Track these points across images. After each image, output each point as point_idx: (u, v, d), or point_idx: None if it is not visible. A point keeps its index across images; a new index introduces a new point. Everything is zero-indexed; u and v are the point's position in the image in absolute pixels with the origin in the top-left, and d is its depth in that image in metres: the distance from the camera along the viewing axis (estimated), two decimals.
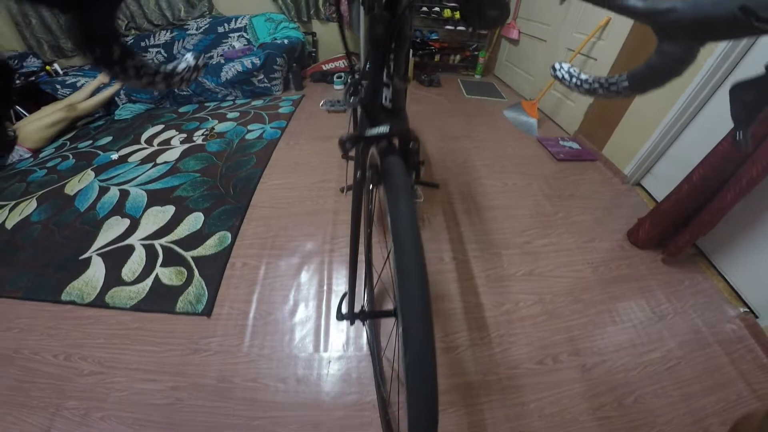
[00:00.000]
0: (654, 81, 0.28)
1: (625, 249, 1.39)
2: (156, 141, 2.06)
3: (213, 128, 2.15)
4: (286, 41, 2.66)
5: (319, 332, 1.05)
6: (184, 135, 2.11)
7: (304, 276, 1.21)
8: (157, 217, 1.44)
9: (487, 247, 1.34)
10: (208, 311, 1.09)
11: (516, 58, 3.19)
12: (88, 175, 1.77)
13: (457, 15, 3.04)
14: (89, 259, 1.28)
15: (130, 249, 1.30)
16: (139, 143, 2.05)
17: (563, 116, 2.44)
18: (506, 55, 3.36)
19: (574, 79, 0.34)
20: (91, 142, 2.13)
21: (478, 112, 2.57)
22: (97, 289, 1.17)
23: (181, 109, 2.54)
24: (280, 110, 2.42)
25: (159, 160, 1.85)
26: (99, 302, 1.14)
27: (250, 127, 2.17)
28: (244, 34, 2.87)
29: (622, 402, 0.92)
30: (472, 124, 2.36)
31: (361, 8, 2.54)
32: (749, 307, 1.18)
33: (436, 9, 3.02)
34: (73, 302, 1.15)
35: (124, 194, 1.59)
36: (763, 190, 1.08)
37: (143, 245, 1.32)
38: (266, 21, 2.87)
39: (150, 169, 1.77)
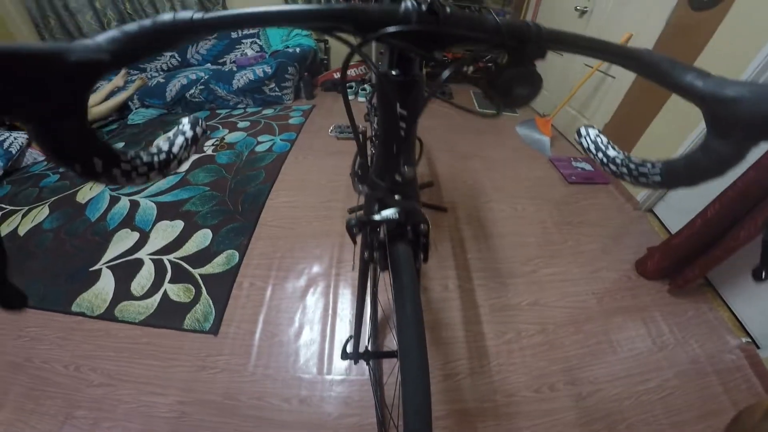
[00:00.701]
0: (690, 179, 0.26)
1: (632, 279, 1.43)
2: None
3: (223, 138, 2.25)
4: (298, 50, 2.77)
5: (323, 355, 1.11)
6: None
7: (310, 299, 1.28)
8: (166, 231, 1.53)
9: (493, 275, 1.39)
10: (215, 330, 1.17)
11: None
12: None
13: None
14: (99, 271, 1.37)
15: (140, 263, 1.39)
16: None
17: None
18: None
19: (600, 154, 0.31)
20: None
21: (489, 128, 2.63)
22: (107, 302, 1.26)
23: None
24: (291, 121, 2.52)
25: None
26: (108, 315, 1.22)
27: (260, 139, 2.26)
28: (257, 40, 2.99)
29: (612, 429, 0.98)
30: (483, 141, 2.42)
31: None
32: (752, 338, 1.22)
33: None
34: (83, 314, 1.23)
35: (134, 205, 1.69)
36: None
37: (152, 260, 1.40)
38: (279, 28, 2.98)
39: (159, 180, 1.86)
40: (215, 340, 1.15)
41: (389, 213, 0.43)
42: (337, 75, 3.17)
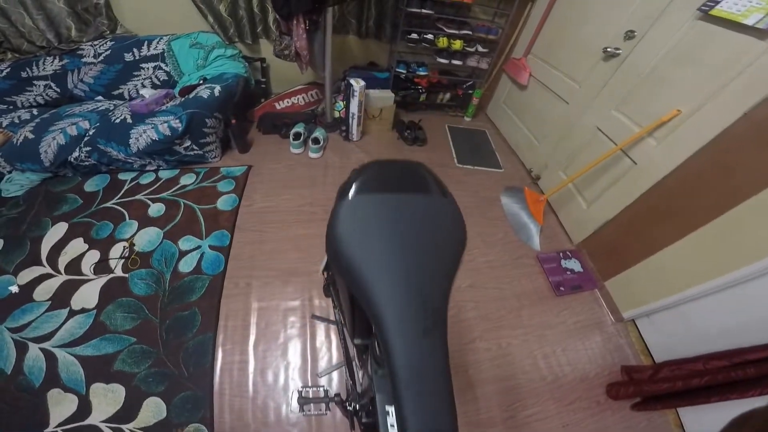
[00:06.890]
0: None
1: (600, 404, 2.11)
2: (61, 262, 2.34)
3: (132, 244, 2.43)
4: (217, 91, 2.91)
5: None
6: (97, 253, 2.39)
7: None
8: (107, 396, 1.81)
9: (473, 428, 1.95)
10: None
11: (518, 105, 3.70)
12: None
13: (456, 44, 3.50)
14: None
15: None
16: (40, 262, 2.33)
17: (569, 215, 2.99)
18: (505, 96, 3.91)
19: None
20: None
21: (472, 203, 3.19)
22: None
23: (87, 186, 2.79)
24: (219, 203, 2.74)
25: (74, 304, 2.15)
26: None
27: (181, 245, 2.46)
28: (162, 65, 3.14)
29: None
30: (469, 228, 2.94)
31: (327, 39, 2.95)
32: None
33: (429, 36, 3.42)
34: None
35: (51, 359, 1.91)
36: None
37: (111, 429, 1.72)
38: (192, 47, 3.15)
39: (67, 319, 2.08)
40: None
41: None
42: (279, 104, 3.45)
